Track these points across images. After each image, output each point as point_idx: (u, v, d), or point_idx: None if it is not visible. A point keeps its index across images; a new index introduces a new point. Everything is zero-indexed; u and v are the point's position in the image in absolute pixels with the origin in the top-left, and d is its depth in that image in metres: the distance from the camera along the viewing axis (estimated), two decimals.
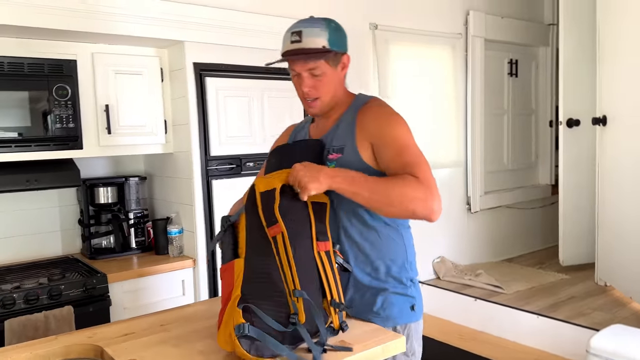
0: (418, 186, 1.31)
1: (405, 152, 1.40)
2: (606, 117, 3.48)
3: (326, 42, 1.45)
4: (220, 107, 2.70)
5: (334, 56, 1.48)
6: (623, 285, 3.39)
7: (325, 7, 3.14)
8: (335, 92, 1.53)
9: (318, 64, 1.46)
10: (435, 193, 1.33)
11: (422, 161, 1.39)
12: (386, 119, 1.46)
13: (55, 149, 2.41)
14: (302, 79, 1.49)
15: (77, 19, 2.28)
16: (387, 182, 1.33)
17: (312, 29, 1.46)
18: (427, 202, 1.31)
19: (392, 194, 1.31)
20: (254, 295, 1.27)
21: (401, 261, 1.54)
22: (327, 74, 1.48)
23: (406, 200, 1.30)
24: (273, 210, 1.29)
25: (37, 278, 2.35)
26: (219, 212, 2.69)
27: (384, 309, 1.51)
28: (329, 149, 1.51)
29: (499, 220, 4.42)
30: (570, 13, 3.87)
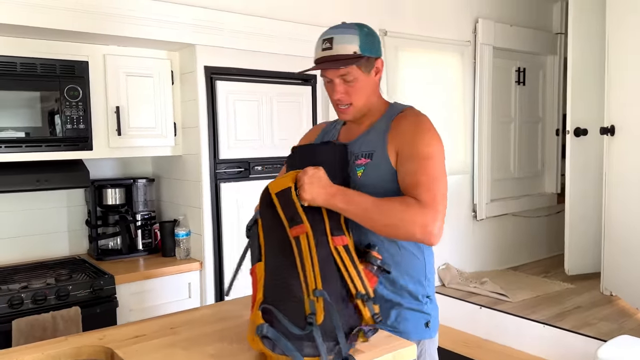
0: (419, 210, 1.30)
1: (424, 170, 1.37)
2: (614, 127, 3.47)
3: (357, 48, 1.44)
4: (230, 111, 2.70)
5: (366, 61, 1.46)
6: (629, 295, 3.37)
7: (335, 12, 3.16)
8: (369, 98, 1.51)
9: (349, 70, 1.45)
10: (438, 217, 1.31)
11: (435, 182, 1.35)
12: (420, 131, 1.44)
13: (65, 150, 2.42)
14: (334, 85, 1.48)
15: (89, 21, 2.29)
16: (388, 206, 1.32)
17: (343, 36, 1.45)
18: (427, 227, 1.30)
19: (391, 217, 1.31)
20: (274, 298, 1.28)
21: (419, 277, 1.52)
22: (360, 79, 1.47)
23: (406, 225, 1.30)
24: (297, 210, 1.29)
25: (44, 278, 2.35)
26: (226, 215, 2.70)
27: (398, 323, 1.50)
28: (358, 154, 1.49)
29: (504, 228, 4.42)
30: (578, 22, 3.88)
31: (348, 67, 1.44)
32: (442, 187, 1.36)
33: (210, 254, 2.68)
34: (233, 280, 1.43)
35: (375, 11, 3.41)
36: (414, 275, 1.51)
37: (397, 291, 1.50)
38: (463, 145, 4.04)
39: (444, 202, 1.34)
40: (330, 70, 1.46)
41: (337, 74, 1.46)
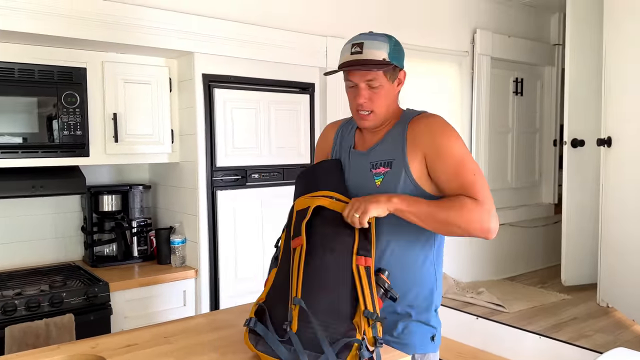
0: (474, 208, 1.35)
1: (462, 170, 1.41)
2: (611, 139, 3.48)
3: (386, 55, 1.45)
4: (228, 118, 2.70)
5: (392, 70, 1.49)
6: (625, 307, 3.37)
7: (333, 22, 3.17)
8: (389, 107, 1.52)
9: (377, 75, 1.46)
10: (492, 212, 1.37)
11: (478, 179, 1.40)
12: (441, 131, 1.46)
13: (61, 156, 2.42)
14: (359, 90, 1.48)
15: (88, 28, 2.29)
16: (445, 206, 1.37)
17: (373, 42, 1.46)
18: (484, 224, 1.36)
19: (449, 217, 1.35)
20: (272, 302, 1.34)
21: (429, 289, 1.52)
22: (384, 87, 1.48)
23: (464, 224, 1.35)
24: (300, 225, 1.34)
25: (38, 285, 2.34)
26: (223, 223, 2.69)
27: (405, 335, 1.49)
28: (376, 163, 1.50)
29: (501, 238, 4.41)
30: (576, 34, 3.90)
31: (377, 72, 1.45)
32: (485, 182, 1.42)
33: (206, 262, 2.67)
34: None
35: (373, 21, 3.42)
36: (425, 287, 1.51)
37: (408, 302, 1.50)
38: None
39: (491, 195, 1.40)
40: (358, 74, 1.47)
41: (364, 79, 1.46)
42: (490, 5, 4.17)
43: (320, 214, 1.39)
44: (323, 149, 1.72)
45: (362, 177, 1.51)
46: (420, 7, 3.68)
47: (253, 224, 2.78)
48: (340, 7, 3.23)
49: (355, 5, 3.31)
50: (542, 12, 4.62)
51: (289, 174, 2.93)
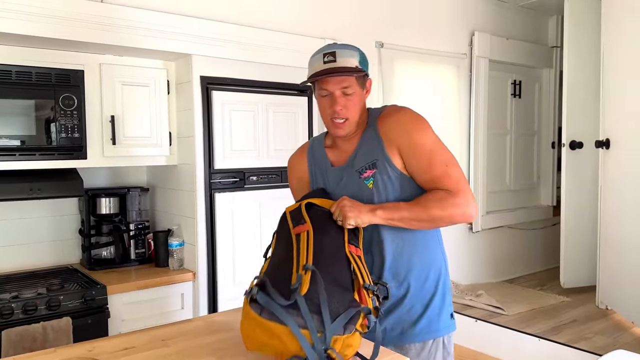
0: (452, 199, 1.43)
1: (434, 162, 1.47)
2: (609, 141, 3.48)
3: (358, 63, 1.51)
4: (226, 121, 2.70)
5: (363, 78, 1.54)
6: (624, 309, 3.36)
7: (332, 25, 3.17)
8: (361, 115, 1.57)
9: (351, 82, 1.50)
10: (469, 199, 1.45)
11: (450, 169, 1.47)
12: (410, 123, 1.52)
13: (59, 159, 2.41)
14: (335, 98, 1.51)
15: (86, 30, 2.29)
16: (425, 205, 1.44)
17: (344, 51, 1.51)
18: (465, 213, 1.45)
19: (432, 215, 1.44)
20: (274, 275, 1.31)
21: (440, 269, 1.60)
22: (357, 94, 1.53)
23: (447, 217, 1.45)
24: (301, 213, 1.39)
25: (35, 288, 2.33)
26: (221, 225, 2.68)
27: (433, 322, 1.57)
28: (361, 169, 1.54)
29: (500, 240, 4.41)
30: (574, 36, 3.90)
31: (351, 78, 1.50)
32: (457, 169, 1.49)
33: (204, 264, 2.66)
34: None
35: (372, 23, 3.43)
36: (437, 269, 1.58)
37: (427, 289, 1.57)
38: (459, 157, 4.04)
39: (466, 180, 1.48)
40: (332, 82, 1.50)
41: (339, 86, 1.50)
42: (488, 7, 4.17)
43: (311, 211, 1.43)
44: (300, 179, 1.74)
45: (354, 187, 1.54)
46: (418, 10, 3.68)
47: (251, 226, 2.77)
48: (338, 9, 3.23)
49: (354, 8, 3.32)
50: (540, 14, 4.63)
51: (287, 177, 2.91)
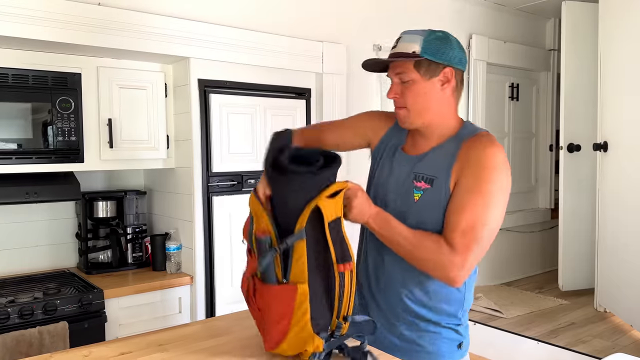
0: (448, 257, 1.29)
1: (471, 209, 1.30)
2: (607, 143, 3.49)
3: (418, 48, 1.35)
4: (223, 124, 2.69)
5: (428, 65, 1.36)
6: (623, 312, 3.36)
7: (330, 28, 3.17)
8: (430, 108, 1.39)
9: (405, 69, 1.37)
10: (465, 266, 1.30)
11: (477, 227, 1.30)
12: (488, 165, 1.32)
13: (56, 162, 2.40)
14: (392, 85, 1.40)
15: (83, 33, 2.28)
16: (420, 242, 1.32)
17: (410, 36, 1.38)
18: (450, 274, 1.30)
19: (420, 254, 1.32)
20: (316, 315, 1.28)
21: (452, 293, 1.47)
22: (417, 82, 1.36)
23: (430, 266, 1.32)
24: (347, 248, 1.29)
25: (32, 292, 2.31)
26: (218, 229, 2.67)
27: (432, 343, 1.47)
28: (419, 175, 1.40)
29: (498, 243, 4.38)
30: (571, 39, 3.92)
31: (404, 65, 1.37)
32: (484, 232, 1.31)
33: (202, 268, 2.65)
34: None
35: (370, 26, 3.43)
36: (453, 294, 1.45)
37: (435, 311, 1.45)
38: None
39: (480, 248, 1.31)
40: (391, 68, 1.41)
41: (394, 72, 1.39)
42: (486, 10, 4.18)
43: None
44: (366, 128, 1.59)
45: (402, 185, 1.43)
46: (416, 13, 3.68)
47: None
48: (337, 12, 3.23)
49: (352, 11, 3.32)
50: (538, 17, 4.64)
51: None
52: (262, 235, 1.30)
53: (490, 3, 4.19)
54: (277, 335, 1.31)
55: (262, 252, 1.28)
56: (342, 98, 3.09)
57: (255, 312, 1.39)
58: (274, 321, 1.31)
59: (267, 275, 1.30)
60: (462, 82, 1.45)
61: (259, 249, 1.30)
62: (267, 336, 1.35)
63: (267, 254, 1.27)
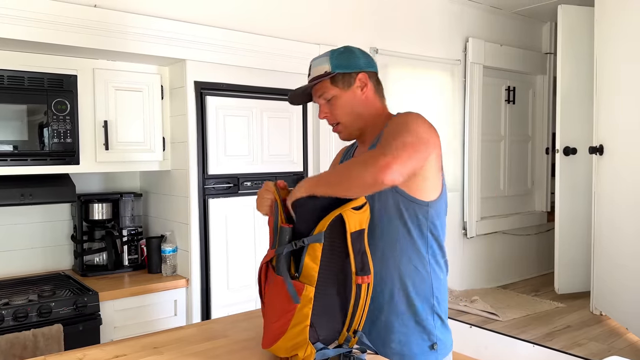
0: (367, 154, 1.26)
1: (394, 132, 1.32)
2: (603, 147, 3.50)
3: (328, 67, 1.47)
4: (220, 126, 2.69)
5: (342, 78, 1.47)
6: (619, 315, 3.37)
7: (326, 31, 3.18)
8: (358, 114, 1.49)
9: (325, 88, 1.48)
10: (390, 154, 1.22)
11: (401, 132, 1.30)
12: (403, 114, 1.43)
13: (51, 164, 2.39)
14: (320, 107, 1.52)
15: (79, 35, 2.28)
16: (349, 161, 1.31)
17: (317, 60, 1.50)
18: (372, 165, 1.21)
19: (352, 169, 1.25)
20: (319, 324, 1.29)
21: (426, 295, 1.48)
22: (340, 96, 1.48)
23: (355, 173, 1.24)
24: (367, 260, 1.31)
25: (26, 294, 2.30)
26: (214, 231, 2.67)
27: (402, 345, 1.46)
28: None
29: (494, 246, 4.41)
30: (567, 43, 3.93)
31: (322, 85, 1.48)
32: (405, 136, 1.29)
33: (197, 271, 2.64)
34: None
35: (366, 29, 3.43)
36: (420, 294, 1.46)
37: (404, 310, 1.46)
38: (453, 163, 4.04)
39: (406, 147, 1.25)
40: (314, 95, 1.51)
41: (317, 95, 1.51)
42: (482, 14, 4.19)
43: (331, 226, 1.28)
44: (334, 165, 1.74)
45: None
46: (412, 16, 3.69)
47: (245, 232, 2.76)
48: (333, 15, 3.24)
49: (348, 13, 3.32)
50: (534, 21, 4.66)
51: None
52: (286, 225, 1.30)
53: (486, 6, 4.20)
54: (275, 333, 1.31)
55: (282, 242, 1.29)
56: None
57: (262, 308, 1.40)
58: (275, 317, 1.31)
59: (280, 267, 1.29)
60: (379, 81, 1.54)
61: (281, 237, 1.30)
62: (266, 333, 1.36)
63: (284, 246, 1.28)
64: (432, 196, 1.44)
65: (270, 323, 1.33)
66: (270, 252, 1.33)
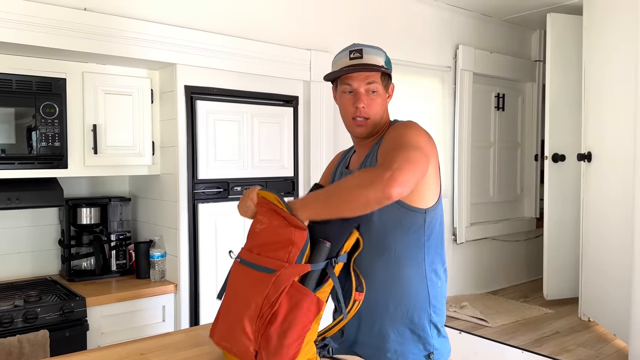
0: (369, 171, 1.26)
1: (394, 145, 1.32)
2: (591, 154, 3.53)
3: (384, 62, 1.48)
4: (210, 131, 2.68)
5: (387, 80, 1.51)
6: (606, 321, 3.39)
7: (317, 36, 3.18)
8: (382, 118, 1.51)
9: (377, 79, 1.47)
10: (392, 169, 1.21)
11: (401, 147, 1.30)
12: (401, 125, 1.45)
13: (39, 168, 2.37)
14: (359, 95, 1.46)
15: (69, 38, 2.26)
16: (348, 178, 1.32)
17: (371, 49, 1.48)
18: (377, 183, 1.21)
19: (353, 185, 1.26)
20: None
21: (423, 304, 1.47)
22: (380, 94, 1.49)
23: (363, 189, 1.23)
24: (361, 280, 1.39)
25: (12, 300, 2.27)
26: (204, 236, 2.65)
27: (398, 355, 1.45)
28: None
29: (484, 251, 4.43)
30: (556, 51, 3.97)
31: (377, 74, 1.46)
32: (406, 151, 1.28)
33: (186, 276, 2.63)
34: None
35: (357, 35, 3.44)
36: (416, 303, 1.43)
37: (396, 319, 1.43)
38: (443, 169, 4.06)
39: (408, 163, 1.25)
40: (359, 78, 1.46)
41: (365, 82, 1.46)
42: (472, 21, 4.22)
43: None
44: (326, 174, 1.72)
45: None
46: (403, 23, 3.71)
47: (235, 237, 2.75)
48: (324, 21, 3.25)
49: (340, 19, 3.33)
50: (523, 29, 4.70)
51: (272, 187, 2.91)
52: (326, 241, 1.31)
53: (477, 14, 4.23)
54: (294, 351, 1.25)
55: (319, 258, 1.29)
56: (329, 106, 3.10)
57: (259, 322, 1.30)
58: (296, 335, 1.25)
59: (310, 281, 1.28)
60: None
61: (319, 253, 1.30)
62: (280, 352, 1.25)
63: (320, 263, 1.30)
64: (429, 203, 1.43)
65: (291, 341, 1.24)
66: (304, 267, 1.28)
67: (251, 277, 1.32)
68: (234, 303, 1.34)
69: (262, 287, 1.27)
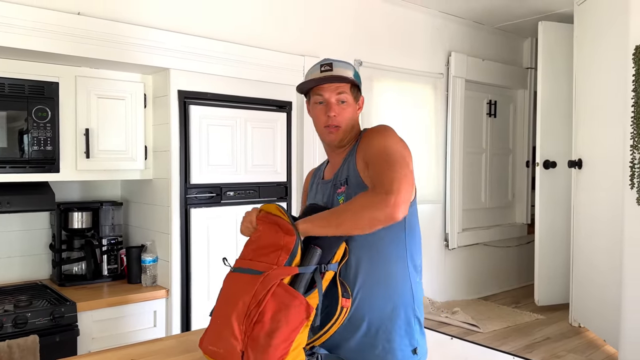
0: (373, 195, 1.33)
1: (381, 161, 1.40)
2: (582, 161, 3.56)
3: (352, 75, 1.56)
4: (203, 135, 2.68)
5: (356, 92, 1.59)
6: (597, 327, 3.41)
7: (312, 42, 3.20)
8: (353, 128, 1.59)
9: (346, 90, 1.55)
10: (394, 192, 1.30)
11: (392, 164, 1.37)
12: (377, 131, 1.52)
13: (30, 172, 2.36)
14: (330, 105, 1.55)
15: (62, 42, 2.26)
16: (349, 203, 1.38)
17: (341, 63, 1.58)
18: (387, 207, 1.29)
19: (345, 220, 1.35)
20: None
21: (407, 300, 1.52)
22: (350, 104, 1.56)
23: (366, 214, 1.31)
24: (346, 287, 1.43)
25: (2, 305, 2.25)
26: (196, 241, 2.65)
27: (386, 352, 1.47)
28: (337, 184, 1.55)
29: (475, 257, 4.45)
30: (547, 59, 4.01)
31: (346, 85, 1.55)
32: (398, 166, 1.37)
33: (178, 281, 2.62)
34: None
35: (351, 42, 3.46)
36: (401, 298, 1.49)
37: (384, 318, 1.48)
38: (435, 175, 4.08)
39: (404, 182, 1.33)
40: (329, 88, 1.54)
41: (335, 92, 1.54)
42: (464, 29, 4.26)
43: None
44: (304, 194, 1.79)
45: (330, 202, 1.56)
46: (396, 29, 3.74)
47: (227, 242, 2.74)
48: (318, 27, 3.26)
49: (333, 26, 3.35)
50: (515, 36, 4.75)
51: (265, 192, 2.91)
52: (317, 247, 1.37)
53: (469, 22, 4.27)
54: (281, 353, 1.27)
55: (309, 262, 1.36)
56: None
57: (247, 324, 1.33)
58: (283, 336, 1.28)
59: (300, 285, 1.33)
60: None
61: (310, 258, 1.36)
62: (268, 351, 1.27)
63: (312, 266, 1.35)
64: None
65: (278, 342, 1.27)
66: (292, 269, 1.33)
67: (241, 280, 1.37)
68: (223, 307, 1.37)
69: (250, 287, 1.32)
